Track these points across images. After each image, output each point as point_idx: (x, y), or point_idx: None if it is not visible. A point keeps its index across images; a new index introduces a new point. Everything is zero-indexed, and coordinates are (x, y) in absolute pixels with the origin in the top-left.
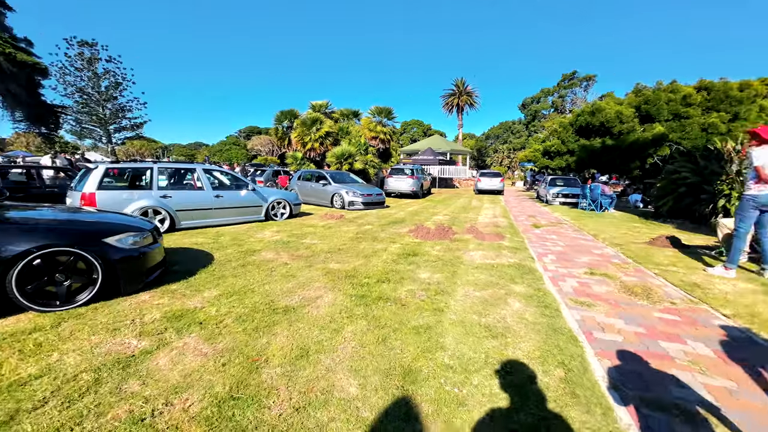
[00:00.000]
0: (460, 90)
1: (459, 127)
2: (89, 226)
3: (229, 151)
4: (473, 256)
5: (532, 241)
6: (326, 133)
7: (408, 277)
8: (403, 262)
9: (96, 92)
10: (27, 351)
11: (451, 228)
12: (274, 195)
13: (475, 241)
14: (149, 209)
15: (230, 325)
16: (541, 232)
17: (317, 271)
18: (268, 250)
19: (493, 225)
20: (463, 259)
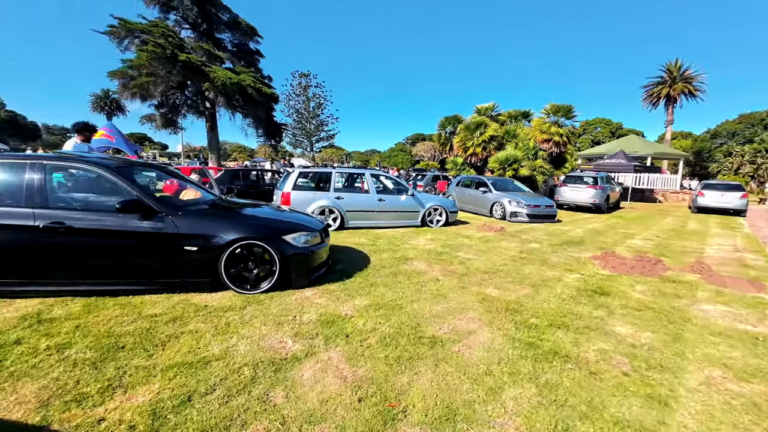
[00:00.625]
0: (674, 76)
1: (668, 124)
2: (274, 223)
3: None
4: (709, 312)
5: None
6: (490, 137)
7: (596, 327)
8: (587, 303)
9: (306, 111)
10: (219, 328)
11: (660, 260)
12: (432, 201)
13: (708, 285)
14: (326, 208)
15: (373, 346)
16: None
17: (471, 296)
18: (420, 260)
19: (738, 263)
20: (690, 314)
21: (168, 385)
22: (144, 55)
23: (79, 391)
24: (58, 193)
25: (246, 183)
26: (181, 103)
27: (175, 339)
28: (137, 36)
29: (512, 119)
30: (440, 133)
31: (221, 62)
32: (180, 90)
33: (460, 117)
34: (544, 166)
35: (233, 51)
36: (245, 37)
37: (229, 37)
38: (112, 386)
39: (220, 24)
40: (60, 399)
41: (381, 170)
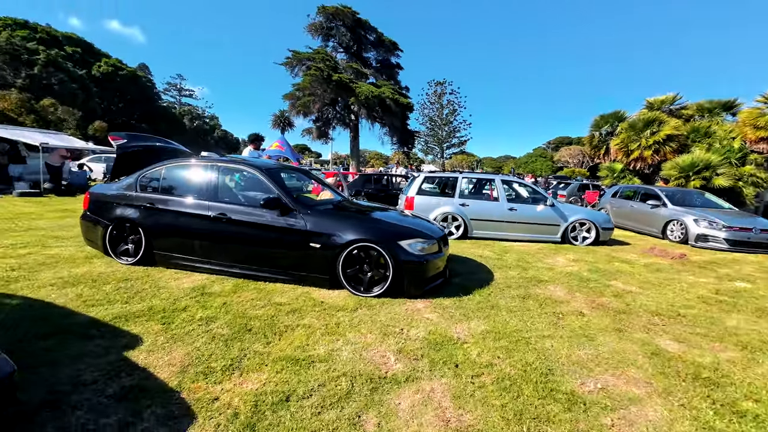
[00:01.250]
0: None
1: None
2: (390, 227)
3: (534, 163)
4: None
5: None
6: (666, 137)
7: None
8: None
9: (439, 119)
10: (329, 327)
11: None
12: (578, 214)
13: None
14: (449, 215)
15: (488, 387)
16: None
17: (633, 344)
18: (558, 285)
19: None
20: None
21: (274, 378)
22: (307, 78)
23: (209, 365)
24: (226, 189)
25: (377, 186)
26: (332, 116)
27: (291, 330)
28: (304, 63)
29: (704, 113)
30: (593, 134)
31: (366, 78)
32: (332, 106)
33: (623, 114)
34: (757, 175)
35: (377, 67)
36: (388, 53)
37: (374, 54)
38: (233, 366)
39: (367, 44)
40: (194, 368)
41: (514, 177)
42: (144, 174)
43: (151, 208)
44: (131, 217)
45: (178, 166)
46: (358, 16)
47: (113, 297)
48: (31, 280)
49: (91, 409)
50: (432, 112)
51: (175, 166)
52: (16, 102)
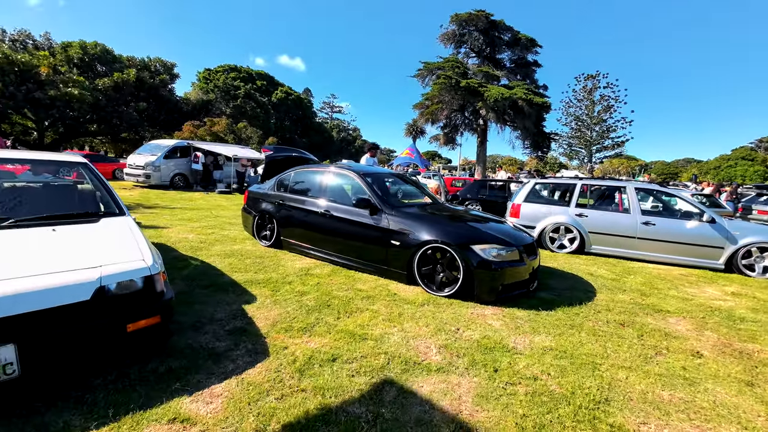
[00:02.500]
0: None
1: None
2: (466, 231)
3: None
4: None
5: None
6: None
7: None
8: None
9: (588, 117)
10: (392, 316)
11: None
12: (757, 236)
13: None
14: (562, 226)
15: (518, 396)
16: None
17: (756, 402)
18: (685, 318)
19: None
20: None
21: (332, 343)
22: (436, 87)
23: (291, 324)
24: (332, 190)
25: (492, 193)
26: (460, 122)
27: (359, 312)
28: (434, 73)
29: None
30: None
31: (497, 80)
32: (460, 111)
33: None
34: None
35: (511, 67)
36: (524, 50)
37: (508, 54)
38: (306, 329)
39: (502, 44)
40: (280, 325)
41: (653, 184)
42: (280, 177)
43: (280, 204)
44: (268, 210)
45: (301, 171)
46: (492, 18)
47: (249, 267)
48: (207, 251)
49: (213, 334)
50: (579, 110)
51: (299, 171)
52: (225, 126)
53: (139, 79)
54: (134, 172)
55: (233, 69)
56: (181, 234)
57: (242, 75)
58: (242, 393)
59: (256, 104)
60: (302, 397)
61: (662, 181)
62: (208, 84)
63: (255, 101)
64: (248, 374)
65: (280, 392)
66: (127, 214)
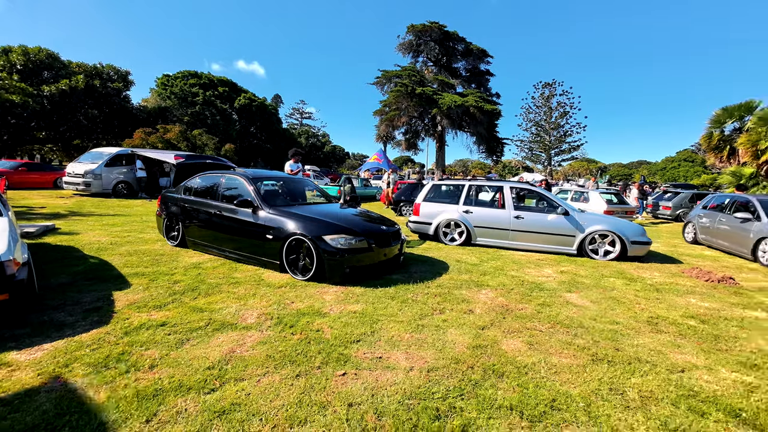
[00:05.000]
0: None
1: None
2: (322, 224)
3: (677, 169)
4: None
5: None
6: None
7: None
8: None
9: (546, 123)
10: (244, 296)
11: None
12: (599, 224)
13: None
14: (452, 221)
15: (285, 345)
16: None
17: (466, 336)
18: (495, 289)
19: None
20: None
21: (172, 315)
22: (392, 94)
23: (146, 303)
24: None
25: None
26: (421, 128)
27: (218, 293)
28: (392, 80)
29: None
30: (710, 132)
31: (453, 88)
32: (420, 118)
33: (755, 104)
34: None
35: (466, 76)
36: (477, 60)
37: (463, 64)
38: (159, 306)
39: (456, 54)
40: (136, 305)
41: (493, 178)
42: (187, 182)
43: (185, 206)
44: (176, 212)
45: (204, 176)
46: (446, 29)
47: (143, 264)
48: (113, 251)
49: (69, 312)
50: (538, 116)
51: (203, 175)
52: (177, 133)
53: (89, 86)
54: (73, 180)
55: (193, 75)
56: (95, 237)
57: (202, 81)
58: (65, 347)
59: (216, 111)
60: (113, 348)
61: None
62: (165, 90)
63: (215, 108)
64: (80, 337)
65: (96, 345)
66: (5, 215)
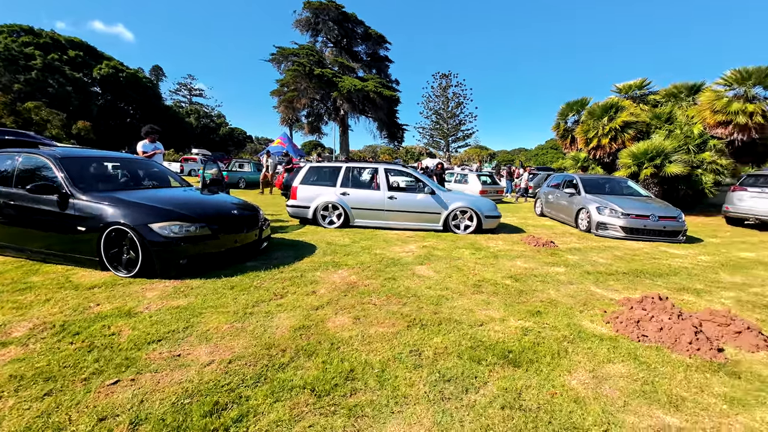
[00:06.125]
0: None
1: None
2: (148, 210)
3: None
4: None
5: None
6: (623, 123)
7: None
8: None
9: (444, 112)
10: (31, 303)
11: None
12: (459, 202)
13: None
14: (329, 204)
15: (66, 351)
16: None
17: (293, 316)
18: (351, 269)
19: None
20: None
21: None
22: (289, 74)
23: None
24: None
25: None
26: (324, 111)
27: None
28: (290, 59)
29: (670, 98)
30: (559, 122)
31: (353, 72)
32: (322, 101)
33: (587, 100)
34: (718, 162)
35: (366, 61)
36: (376, 45)
37: (363, 48)
38: None
39: (356, 38)
40: None
41: (398, 164)
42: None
43: None
44: None
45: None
46: (344, 10)
47: None
48: None
49: None
50: (437, 105)
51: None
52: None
53: None
54: None
55: (27, 31)
56: None
57: (43, 41)
58: None
59: (66, 80)
60: None
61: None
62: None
63: (63, 76)
64: None
65: None
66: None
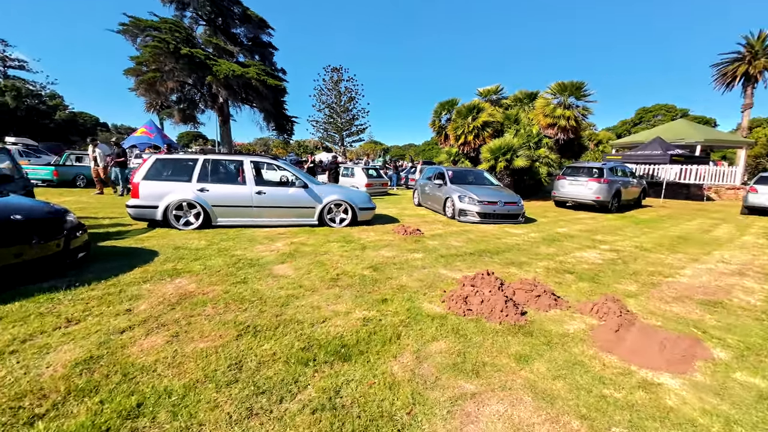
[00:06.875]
0: (755, 50)
1: (745, 108)
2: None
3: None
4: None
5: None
6: (483, 123)
7: None
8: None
9: (337, 106)
10: None
11: (551, 292)
12: (334, 195)
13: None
14: (184, 202)
15: None
16: None
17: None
18: (191, 276)
19: (717, 294)
20: None
21: None
22: (147, 50)
23: None
24: None
25: None
26: (198, 98)
27: None
28: (148, 33)
29: (517, 102)
30: (434, 120)
31: (232, 56)
32: (196, 86)
33: (457, 101)
34: (549, 156)
35: (248, 45)
36: (257, 29)
37: (243, 31)
38: None
39: (234, 18)
40: None
41: (266, 157)
42: None
43: None
44: None
45: None
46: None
47: None
48: None
49: None
50: (330, 98)
51: None
52: None
53: None
54: None
55: None
56: None
57: None
58: None
59: None
60: None
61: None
62: None
63: None
64: None
65: None
66: None
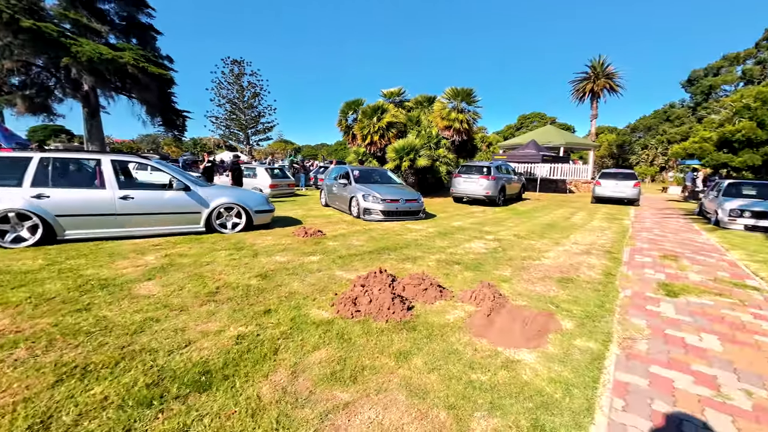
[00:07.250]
0: (597, 72)
1: (592, 118)
2: None
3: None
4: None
5: (636, 353)
6: (388, 124)
7: None
8: None
9: (240, 102)
10: None
11: (436, 284)
12: (222, 197)
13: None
14: (12, 213)
15: None
16: (680, 308)
17: None
18: (6, 309)
19: (570, 272)
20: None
21: None
22: None
23: None
24: None
25: None
26: (55, 84)
27: None
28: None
29: (418, 105)
30: (341, 119)
31: (99, 36)
32: (49, 69)
33: (362, 101)
34: (447, 156)
35: (121, 26)
36: (132, 7)
37: (114, 7)
38: None
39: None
40: None
41: (136, 156)
42: None
43: None
44: None
45: None
46: None
47: None
48: None
49: None
50: (231, 93)
51: None
52: None
53: None
54: None
55: None
56: None
57: None
58: None
59: None
60: None
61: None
62: None
63: None
64: None
65: None
66: None
